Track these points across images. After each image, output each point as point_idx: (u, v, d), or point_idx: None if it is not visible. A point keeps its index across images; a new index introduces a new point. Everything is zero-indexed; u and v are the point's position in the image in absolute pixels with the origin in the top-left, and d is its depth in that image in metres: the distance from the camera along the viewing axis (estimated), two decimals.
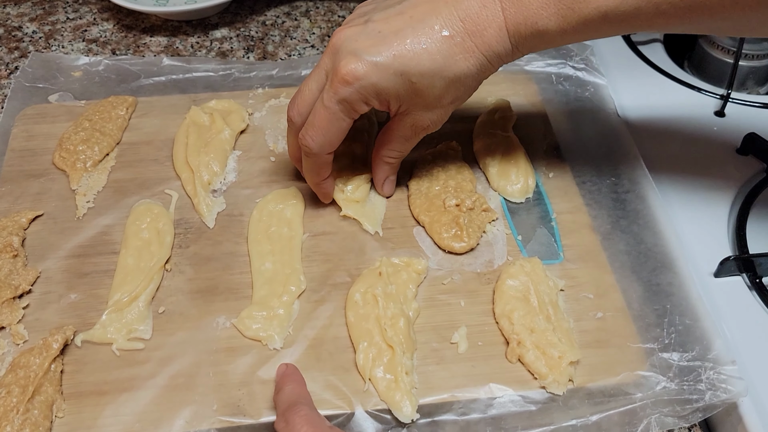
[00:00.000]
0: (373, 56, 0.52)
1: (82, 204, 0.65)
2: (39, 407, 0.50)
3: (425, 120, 0.58)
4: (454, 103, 0.57)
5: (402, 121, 0.58)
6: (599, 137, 0.72)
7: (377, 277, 0.58)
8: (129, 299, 0.57)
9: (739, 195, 0.68)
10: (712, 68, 0.82)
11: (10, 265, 0.59)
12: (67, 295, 0.58)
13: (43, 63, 0.78)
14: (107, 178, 0.67)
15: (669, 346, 0.55)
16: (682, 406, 0.52)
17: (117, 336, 0.55)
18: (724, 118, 0.76)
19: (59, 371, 0.53)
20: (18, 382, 0.51)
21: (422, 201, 0.65)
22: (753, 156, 0.71)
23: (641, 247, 0.63)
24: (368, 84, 0.53)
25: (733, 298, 0.60)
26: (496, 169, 0.68)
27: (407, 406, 0.51)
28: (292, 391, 0.50)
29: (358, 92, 0.53)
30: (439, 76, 0.53)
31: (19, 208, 0.64)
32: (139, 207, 0.64)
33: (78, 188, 0.66)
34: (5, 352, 0.54)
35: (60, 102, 0.74)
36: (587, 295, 0.59)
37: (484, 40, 0.52)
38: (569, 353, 0.54)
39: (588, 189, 0.68)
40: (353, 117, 0.56)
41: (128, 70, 0.78)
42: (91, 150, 0.68)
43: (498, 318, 0.57)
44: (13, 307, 0.57)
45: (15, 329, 0.55)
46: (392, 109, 0.57)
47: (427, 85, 0.53)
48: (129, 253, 0.60)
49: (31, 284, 0.58)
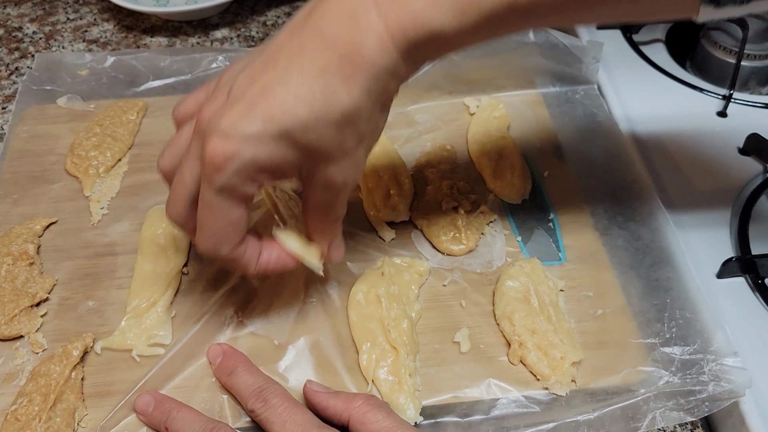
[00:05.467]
0: (241, 128, 0.42)
1: (96, 210, 0.65)
2: (61, 415, 0.51)
3: (337, 176, 0.46)
4: (363, 144, 0.46)
5: (312, 187, 0.48)
6: (600, 137, 0.73)
7: (380, 277, 0.58)
8: (148, 305, 0.57)
9: (741, 196, 0.68)
10: (714, 68, 0.82)
11: (27, 273, 0.59)
12: (85, 303, 0.58)
13: (49, 64, 0.77)
14: (120, 183, 0.67)
15: (670, 341, 0.56)
16: (686, 398, 0.52)
17: (137, 342, 0.55)
18: (726, 119, 0.77)
19: (80, 378, 0.53)
20: (39, 391, 0.51)
21: (419, 204, 0.65)
22: (755, 156, 0.72)
23: (639, 243, 0.63)
24: (245, 162, 0.43)
25: (735, 299, 0.61)
26: (491, 170, 0.68)
27: (411, 409, 0.52)
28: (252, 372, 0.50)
29: (236, 174, 0.43)
30: (323, 122, 0.43)
31: (32, 215, 0.64)
32: (154, 213, 0.64)
33: (91, 194, 0.66)
34: (25, 361, 0.54)
35: (69, 105, 0.74)
36: (587, 294, 0.60)
37: (364, 58, 0.42)
38: (571, 354, 0.54)
39: (588, 188, 0.68)
40: (245, 202, 0.46)
41: (135, 68, 0.77)
42: (104, 156, 0.68)
43: (498, 319, 0.57)
44: (31, 315, 0.57)
45: (34, 338, 0.55)
46: (295, 177, 0.47)
47: (316, 138, 0.43)
48: (146, 258, 0.60)
49: (48, 292, 0.58)
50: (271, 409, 0.48)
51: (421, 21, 0.42)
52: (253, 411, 0.49)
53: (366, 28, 0.42)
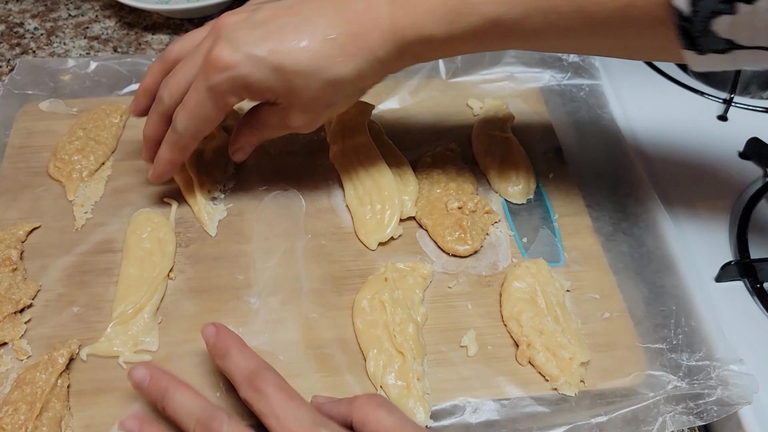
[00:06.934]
0: (249, 47, 0.51)
1: (80, 215, 0.63)
2: (47, 424, 0.50)
3: (297, 120, 0.56)
4: (330, 109, 0.56)
5: (272, 111, 0.56)
6: (601, 138, 0.72)
7: (383, 282, 0.58)
8: (134, 311, 0.56)
9: (741, 199, 0.68)
10: (715, 72, 0.81)
11: (10, 279, 0.58)
12: (70, 308, 0.57)
13: (32, 68, 0.76)
14: (104, 187, 0.66)
15: (677, 347, 0.56)
16: (695, 402, 0.52)
17: (123, 349, 0.55)
18: (726, 122, 0.76)
19: (66, 386, 0.52)
20: (25, 399, 0.50)
21: (424, 204, 0.65)
22: (755, 161, 0.72)
23: (643, 249, 0.63)
24: (239, 75, 0.51)
25: (733, 302, 0.61)
26: (496, 171, 0.68)
27: (420, 413, 0.51)
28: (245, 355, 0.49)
29: (227, 81, 0.52)
30: (315, 76, 0.51)
31: (14, 220, 0.63)
32: (139, 216, 0.63)
33: (75, 199, 0.65)
34: (9, 368, 0.53)
35: (51, 110, 0.72)
36: (594, 296, 0.60)
37: (367, 44, 0.51)
38: (579, 354, 0.54)
39: (589, 191, 0.68)
40: (222, 109, 0.54)
41: (118, 73, 0.76)
42: (87, 159, 0.67)
43: (506, 320, 0.57)
44: (15, 322, 0.55)
45: (18, 345, 0.54)
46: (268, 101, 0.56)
47: (303, 85, 0.52)
48: (131, 263, 0.59)
49: (32, 298, 0.57)
50: (264, 400, 0.46)
51: (419, 25, 0.50)
52: (247, 400, 0.47)
53: (377, 19, 0.50)
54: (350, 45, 0.51)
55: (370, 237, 0.62)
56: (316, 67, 0.51)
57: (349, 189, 0.65)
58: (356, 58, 0.51)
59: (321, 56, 0.51)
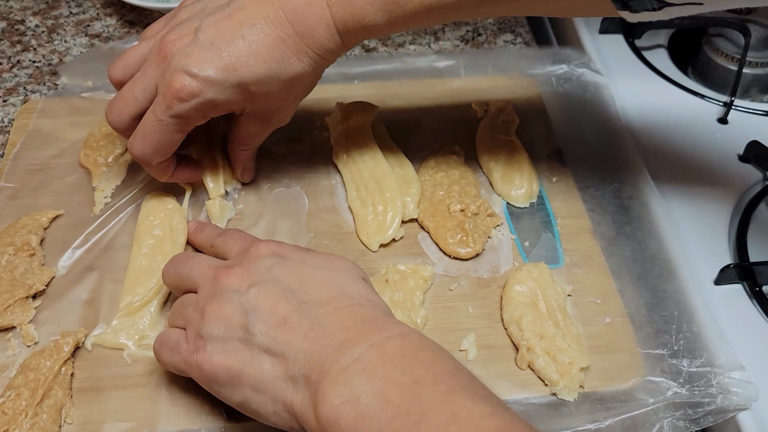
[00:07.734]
0: (206, 71, 0.52)
1: (99, 200, 0.64)
2: (48, 411, 0.50)
3: (273, 119, 0.60)
4: (298, 99, 0.59)
5: (248, 121, 0.60)
6: (601, 140, 0.72)
7: (384, 284, 0.58)
8: (141, 303, 0.56)
9: (741, 202, 0.68)
10: (715, 75, 0.82)
11: (27, 263, 0.59)
12: (80, 296, 0.58)
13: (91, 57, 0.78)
14: (126, 171, 0.67)
15: (678, 353, 0.56)
16: (694, 410, 0.52)
17: (128, 342, 0.55)
18: (726, 125, 0.77)
19: (69, 374, 0.53)
20: (28, 385, 0.51)
21: (426, 206, 0.65)
22: (755, 164, 0.72)
23: (646, 253, 0.63)
24: (204, 100, 0.53)
25: (733, 305, 0.61)
26: (499, 174, 0.68)
27: None
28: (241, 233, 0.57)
29: (194, 108, 0.53)
30: (275, 80, 0.54)
31: (41, 207, 0.64)
32: (150, 200, 0.63)
33: (98, 185, 0.66)
34: (16, 353, 0.54)
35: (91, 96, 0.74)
36: (595, 300, 0.60)
37: (315, 40, 0.53)
38: (580, 359, 0.54)
39: (590, 194, 0.68)
40: (186, 130, 0.56)
41: None
42: (113, 144, 0.68)
43: (507, 324, 0.57)
44: (25, 306, 0.56)
45: (26, 330, 0.55)
46: (237, 113, 0.59)
47: (266, 91, 0.54)
48: (141, 252, 0.60)
49: (45, 284, 0.58)
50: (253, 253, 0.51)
51: (359, 16, 0.52)
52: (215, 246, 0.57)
53: (318, 16, 0.52)
54: (300, 43, 0.53)
55: (371, 238, 0.63)
56: (274, 72, 0.53)
57: (352, 190, 0.66)
58: (308, 53, 0.53)
59: (275, 61, 0.53)
